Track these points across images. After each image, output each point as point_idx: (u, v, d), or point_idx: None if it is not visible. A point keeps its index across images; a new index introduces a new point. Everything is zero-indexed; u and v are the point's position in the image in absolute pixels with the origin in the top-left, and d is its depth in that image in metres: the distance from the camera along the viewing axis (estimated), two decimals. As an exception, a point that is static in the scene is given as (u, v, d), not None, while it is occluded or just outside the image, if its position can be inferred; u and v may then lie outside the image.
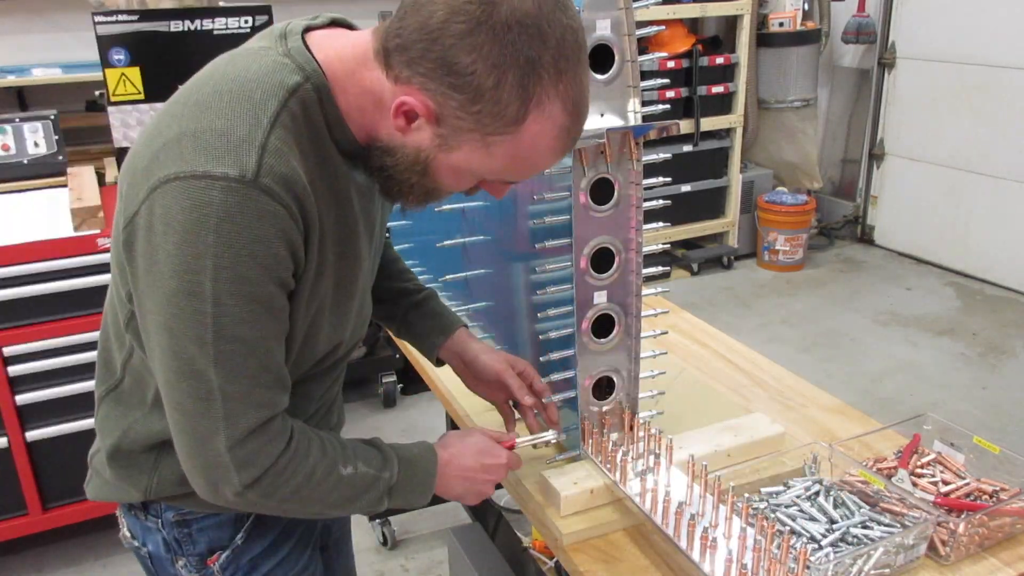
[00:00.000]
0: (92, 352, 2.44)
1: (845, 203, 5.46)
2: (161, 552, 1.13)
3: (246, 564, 1.14)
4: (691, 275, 4.90)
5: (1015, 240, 4.50)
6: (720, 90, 4.70)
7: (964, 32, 4.58)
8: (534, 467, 1.37)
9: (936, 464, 1.32)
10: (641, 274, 1.32)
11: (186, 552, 1.13)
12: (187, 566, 1.13)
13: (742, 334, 4.06)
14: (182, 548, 1.12)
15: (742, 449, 1.41)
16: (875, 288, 4.67)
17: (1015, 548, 1.19)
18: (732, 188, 4.94)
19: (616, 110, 1.23)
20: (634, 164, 1.25)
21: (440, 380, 1.73)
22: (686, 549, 1.10)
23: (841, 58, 5.32)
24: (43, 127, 2.87)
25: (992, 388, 3.57)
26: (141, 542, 1.15)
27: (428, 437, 1.24)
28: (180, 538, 1.12)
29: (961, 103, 4.66)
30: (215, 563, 1.12)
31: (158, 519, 1.12)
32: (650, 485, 1.21)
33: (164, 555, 1.13)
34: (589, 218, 1.25)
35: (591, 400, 1.35)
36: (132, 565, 2.58)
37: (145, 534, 1.14)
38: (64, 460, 2.49)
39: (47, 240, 2.33)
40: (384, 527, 2.63)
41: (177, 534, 1.12)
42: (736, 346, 1.89)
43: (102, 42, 2.76)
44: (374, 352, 3.47)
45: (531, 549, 2.29)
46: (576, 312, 1.28)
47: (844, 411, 1.59)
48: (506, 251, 1.53)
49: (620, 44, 1.20)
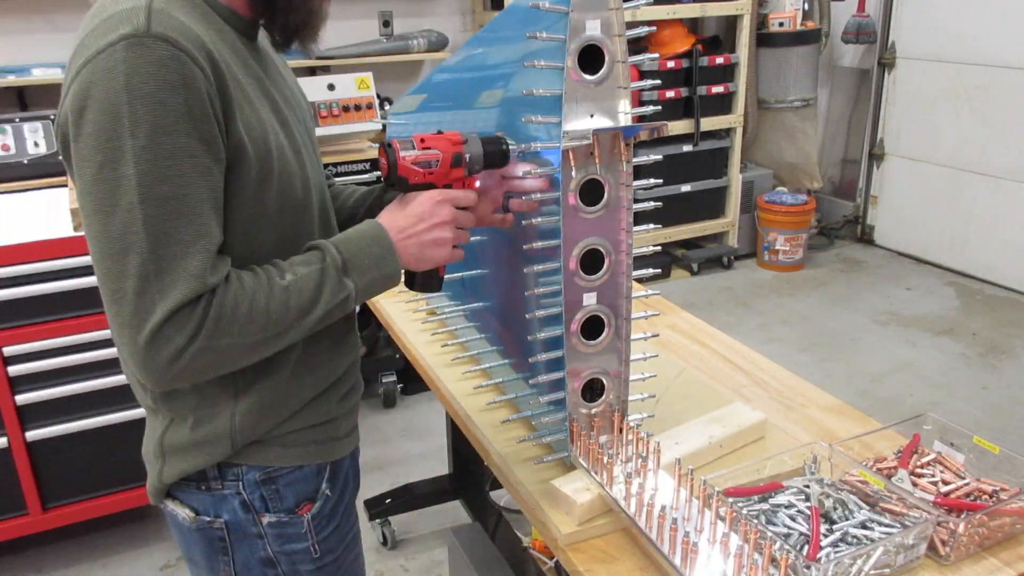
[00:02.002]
0: (92, 352, 2.46)
1: (845, 203, 5.46)
2: (240, 516, 1.15)
3: (328, 512, 1.22)
4: (691, 275, 4.90)
5: (1015, 240, 4.50)
6: (720, 90, 4.70)
7: (964, 32, 4.58)
8: (530, 471, 1.37)
9: (936, 464, 1.32)
10: (632, 276, 1.32)
11: (273, 508, 1.16)
12: (275, 523, 1.17)
13: (742, 334, 4.06)
14: (269, 505, 1.16)
15: (731, 439, 1.43)
16: (875, 288, 4.67)
17: (1015, 548, 1.19)
18: (732, 188, 4.94)
19: (606, 111, 1.23)
20: (624, 165, 1.25)
21: (440, 380, 1.73)
22: (668, 554, 1.11)
23: (841, 58, 5.33)
24: (43, 127, 2.88)
25: (992, 388, 3.57)
26: (214, 515, 1.16)
27: (428, 436, 1.25)
28: (267, 495, 1.15)
29: (961, 103, 4.67)
30: (307, 512, 1.18)
31: (238, 482, 1.14)
32: (635, 489, 1.21)
33: (244, 517, 1.15)
34: (578, 219, 1.25)
35: (580, 402, 1.35)
36: (132, 565, 2.60)
37: (219, 505, 1.15)
38: (64, 460, 2.49)
39: (47, 240, 2.33)
40: (384, 527, 2.64)
41: (264, 492, 1.15)
42: (736, 346, 1.89)
43: (102, 42, 2.75)
44: (374, 352, 3.48)
45: (531, 549, 2.30)
46: (565, 313, 1.28)
47: (844, 411, 1.59)
48: (500, 251, 1.53)
49: (610, 45, 1.20)
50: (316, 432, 1.19)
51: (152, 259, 0.91)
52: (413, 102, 2.13)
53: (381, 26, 4.10)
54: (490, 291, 1.65)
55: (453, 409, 1.66)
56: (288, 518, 1.18)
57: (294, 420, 1.16)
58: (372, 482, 2.97)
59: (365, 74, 3.39)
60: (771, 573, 1.02)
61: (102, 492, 2.57)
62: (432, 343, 1.87)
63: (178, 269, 0.92)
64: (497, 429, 1.52)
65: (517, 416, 1.52)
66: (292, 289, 1.01)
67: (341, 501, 1.25)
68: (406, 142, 1.15)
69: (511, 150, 1.22)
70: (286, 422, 1.15)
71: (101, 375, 2.47)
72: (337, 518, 1.24)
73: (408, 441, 3.25)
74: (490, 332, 1.69)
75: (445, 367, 1.77)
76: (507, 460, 1.42)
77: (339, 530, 1.25)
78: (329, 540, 1.23)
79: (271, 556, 1.19)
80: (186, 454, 1.13)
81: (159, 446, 1.16)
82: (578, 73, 1.19)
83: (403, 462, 3.10)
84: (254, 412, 1.11)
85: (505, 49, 1.45)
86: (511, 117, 1.38)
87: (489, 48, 1.59)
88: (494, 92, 1.54)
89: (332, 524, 1.23)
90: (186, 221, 0.92)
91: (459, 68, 1.78)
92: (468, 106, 1.71)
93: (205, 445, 1.11)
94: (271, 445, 1.13)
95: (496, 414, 1.56)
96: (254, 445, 1.13)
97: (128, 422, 2.53)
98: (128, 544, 2.69)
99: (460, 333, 1.84)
